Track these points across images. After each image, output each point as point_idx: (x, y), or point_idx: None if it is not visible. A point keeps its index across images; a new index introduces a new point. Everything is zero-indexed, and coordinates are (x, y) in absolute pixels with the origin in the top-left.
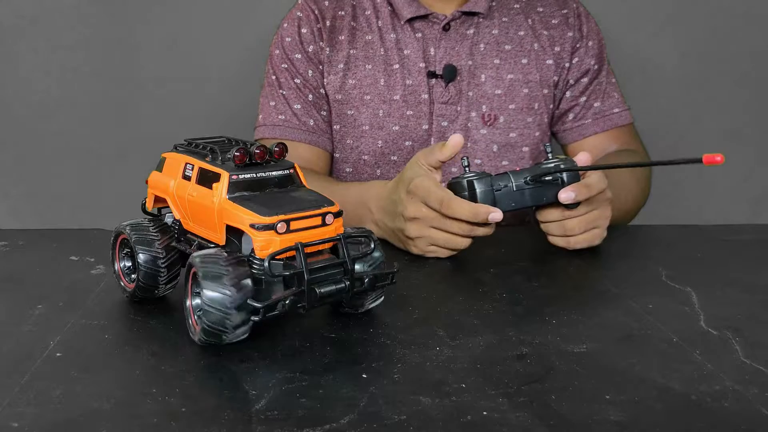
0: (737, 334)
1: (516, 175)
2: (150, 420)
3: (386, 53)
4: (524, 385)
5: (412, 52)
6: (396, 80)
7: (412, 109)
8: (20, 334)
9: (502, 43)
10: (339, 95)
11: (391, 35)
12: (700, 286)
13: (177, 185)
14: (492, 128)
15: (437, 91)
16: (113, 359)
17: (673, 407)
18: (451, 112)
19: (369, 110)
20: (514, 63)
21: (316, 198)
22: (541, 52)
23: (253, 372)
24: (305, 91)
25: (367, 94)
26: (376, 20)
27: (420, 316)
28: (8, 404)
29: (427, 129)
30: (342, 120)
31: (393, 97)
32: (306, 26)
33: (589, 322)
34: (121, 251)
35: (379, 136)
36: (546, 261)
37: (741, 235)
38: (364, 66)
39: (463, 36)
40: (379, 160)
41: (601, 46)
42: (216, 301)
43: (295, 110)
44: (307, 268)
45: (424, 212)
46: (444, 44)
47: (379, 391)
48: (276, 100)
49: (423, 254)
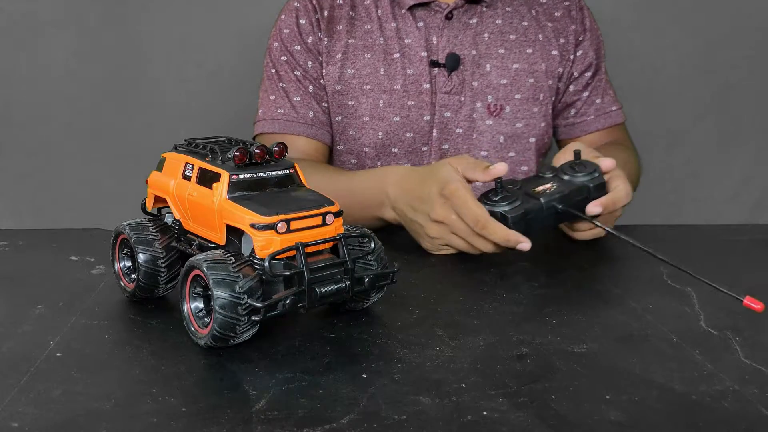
0: (737, 334)
1: (547, 197)
2: (150, 420)
3: (386, 42)
4: (524, 385)
5: (413, 41)
6: (396, 69)
7: (413, 100)
8: (20, 334)
9: (506, 33)
10: (338, 86)
11: (392, 24)
12: (700, 286)
13: (177, 185)
14: (498, 119)
15: (440, 80)
16: (113, 359)
17: (673, 407)
18: (455, 102)
19: (369, 100)
20: (519, 53)
21: (317, 198)
22: (546, 43)
23: (253, 372)
24: (305, 83)
25: (366, 83)
26: (375, 9)
27: (420, 316)
28: (8, 404)
29: (429, 120)
30: (343, 111)
31: (393, 87)
32: (304, 17)
33: (589, 322)
34: (121, 251)
35: (379, 127)
36: (546, 261)
37: (741, 235)
38: (363, 55)
39: (466, 25)
40: (380, 152)
41: (600, 42)
42: (228, 308)
43: (295, 103)
44: (308, 268)
45: (452, 219)
46: (447, 33)
47: (379, 391)
48: (276, 94)
49: (432, 251)
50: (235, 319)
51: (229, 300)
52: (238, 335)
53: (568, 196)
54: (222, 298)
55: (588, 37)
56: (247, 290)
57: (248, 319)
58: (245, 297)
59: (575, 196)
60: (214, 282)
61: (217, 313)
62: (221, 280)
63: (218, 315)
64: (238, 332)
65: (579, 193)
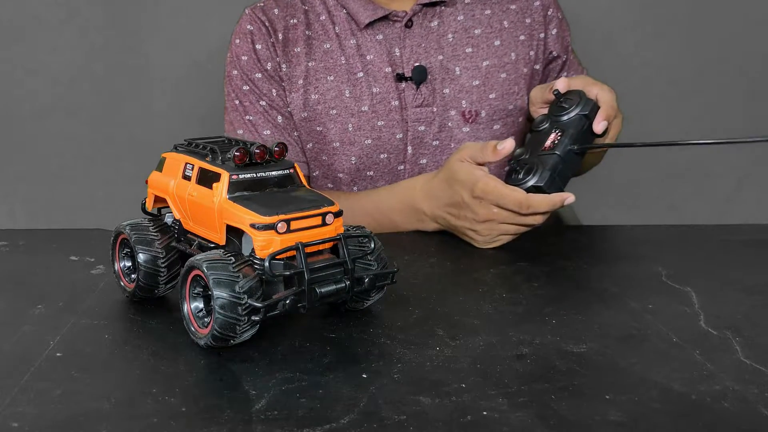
0: (737, 334)
1: (561, 148)
2: (150, 420)
3: (347, 61)
4: (524, 385)
5: (375, 56)
6: (362, 90)
7: (383, 119)
8: (20, 334)
9: (470, 29)
10: (304, 113)
11: (351, 41)
12: (700, 286)
13: (177, 185)
14: (475, 124)
15: (408, 94)
16: (113, 359)
17: (673, 407)
18: (427, 115)
19: (337, 126)
20: (488, 47)
21: (316, 198)
22: (512, 29)
23: (253, 372)
24: (273, 114)
25: (332, 108)
26: (332, 26)
27: (420, 316)
28: (8, 404)
29: (402, 138)
30: (313, 137)
31: (361, 109)
32: (260, 41)
33: (589, 322)
34: (121, 251)
35: (351, 152)
36: (546, 261)
37: (741, 235)
38: (325, 78)
39: (428, 30)
40: (354, 177)
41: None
42: (228, 308)
43: (265, 137)
44: (308, 268)
45: (496, 212)
46: (409, 42)
47: (379, 391)
48: (243, 128)
49: (488, 246)
50: (235, 319)
51: (229, 300)
52: (238, 335)
53: (574, 135)
54: (222, 298)
55: (556, 14)
56: (247, 290)
57: (248, 319)
58: (245, 297)
59: (580, 128)
60: (214, 282)
61: (217, 313)
62: (221, 280)
63: (218, 315)
64: (238, 332)
65: (581, 124)
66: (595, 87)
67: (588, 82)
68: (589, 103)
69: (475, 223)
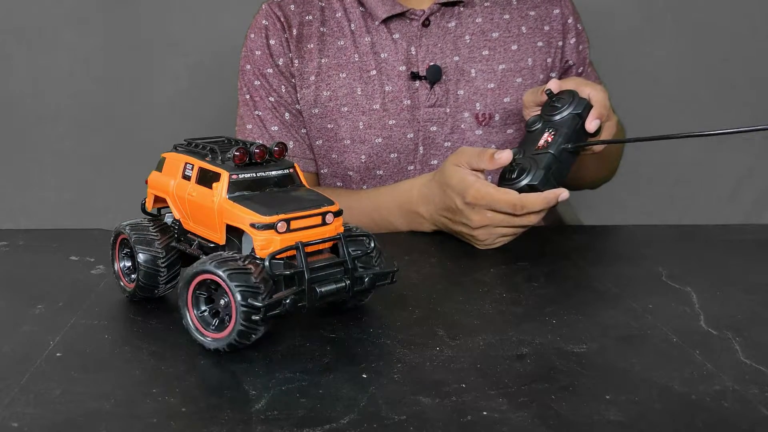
0: (737, 334)
1: (554, 146)
2: (150, 420)
3: (361, 59)
4: (524, 385)
5: (389, 55)
6: (374, 88)
7: (394, 118)
8: (20, 334)
9: (488, 32)
10: (315, 109)
11: (366, 38)
12: (700, 286)
13: (177, 185)
14: (488, 128)
15: (422, 93)
16: (113, 359)
17: (673, 407)
18: (440, 115)
19: (348, 123)
20: (504, 51)
21: (316, 197)
22: (530, 35)
23: (253, 372)
24: (281, 110)
25: (344, 105)
26: (348, 23)
27: (420, 316)
28: (8, 404)
29: (413, 138)
30: (323, 135)
31: (372, 107)
32: (274, 37)
33: (589, 322)
34: (121, 251)
35: (361, 150)
36: (546, 261)
37: (741, 235)
38: (337, 75)
39: (445, 30)
40: (364, 175)
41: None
42: (250, 318)
43: (273, 133)
44: (308, 268)
45: (490, 217)
46: (425, 42)
47: (379, 391)
48: (252, 123)
49: (489, 248)
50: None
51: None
52: (251, 340)
53: (568, 134)
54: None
55: (575, 24)
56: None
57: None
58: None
59: (573, 127)
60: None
61: (241, 325)
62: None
63: (241, 327)
64: (252, 338)
65: (574, 123)
66: (587, 87)
67: (580, 82)
68: (582, 102)
69: (471, 229)
